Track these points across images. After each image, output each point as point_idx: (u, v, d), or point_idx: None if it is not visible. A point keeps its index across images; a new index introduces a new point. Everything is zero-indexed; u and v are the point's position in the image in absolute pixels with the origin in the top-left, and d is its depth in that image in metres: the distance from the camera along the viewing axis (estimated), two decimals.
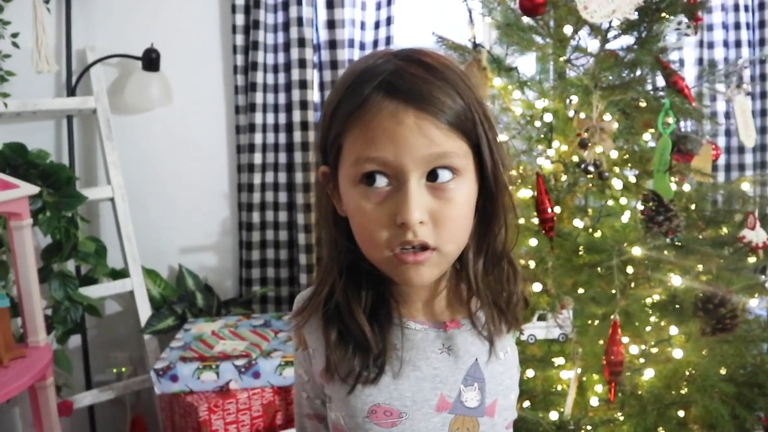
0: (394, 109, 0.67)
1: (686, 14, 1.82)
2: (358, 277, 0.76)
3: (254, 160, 2.43)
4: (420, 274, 0.71)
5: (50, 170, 2.04)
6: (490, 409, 0.77)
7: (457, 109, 0.69)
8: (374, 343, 0.74)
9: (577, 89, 1.80)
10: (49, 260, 2.08)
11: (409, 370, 0.75)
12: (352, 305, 0.75)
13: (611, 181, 1.78)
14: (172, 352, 2.00)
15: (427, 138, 0.67)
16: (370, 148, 0.67)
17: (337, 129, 0.71)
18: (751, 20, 2.72)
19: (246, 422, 1.90)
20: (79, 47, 2.31)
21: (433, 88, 0.68)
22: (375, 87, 0.68)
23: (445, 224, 0.70)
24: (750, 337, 1.86)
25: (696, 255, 1.72)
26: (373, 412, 0.74)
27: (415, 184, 0.68)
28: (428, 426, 0.75)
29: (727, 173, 2.76)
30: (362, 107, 0.68)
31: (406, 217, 0.67)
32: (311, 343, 0.80)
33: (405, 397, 0.74)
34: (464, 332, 0.79)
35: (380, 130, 0.67)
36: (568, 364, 1.74)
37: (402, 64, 0.69)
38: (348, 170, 0.70)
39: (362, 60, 0.74)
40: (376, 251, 0.71)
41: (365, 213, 0.70)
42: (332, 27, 2.41)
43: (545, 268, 1.68)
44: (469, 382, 0.76)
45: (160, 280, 2.43)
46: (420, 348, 0.76)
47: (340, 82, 0.73)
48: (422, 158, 0.67)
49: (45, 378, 1.77)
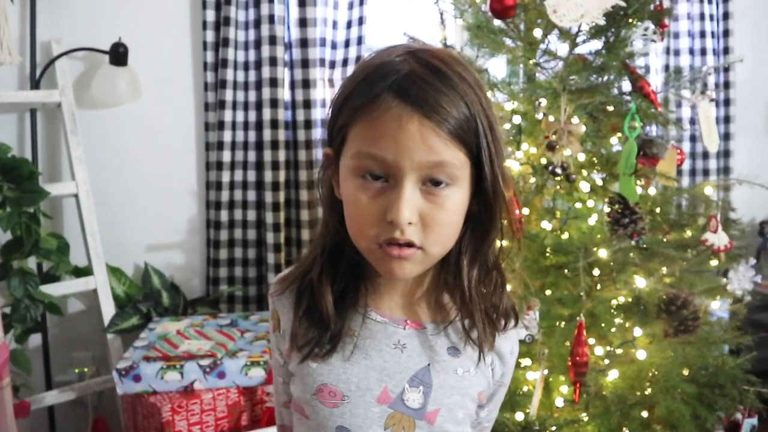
0: (400, 113, 0.68)
1: (653, 21, 1.86)
2: (339, 258, 0.79)
3: (223, 157, 2.40)
4: (402, 269, 0.73)
5: (12, 164, 1.99)
6: (430, 416, 0.78)
7: (461, 119, 0.70)
8: (333, 321, 0.77)
9: (546, 92, 1.81)
10: (8, 257, 2.02)
11: (360, 357, 0.78)
12: (323, 282, 0.78)
13: (578, 184, 1.80)
14: (135, 351, 1.97)
15: (427, 146, 0.69)
16: (372, 145, 0.70)
17: (344, 118, 0.73)
18: (716, 29, 2.79)
19: (210, 423, 1.87)
20: (44, 39, 2.26)
21: (441, 96, 0.69)
22: (387, 87, 0.70)
23: (434, 228, 0.72)
24: (711, 338, 1.89)
25: (660, 257, 1.75)
26: (319, 391, 0.78)
27: (410, 185, 0.70)
28: (366, 414, 0.77)
29: (691, 178, 2.82)
30: (371, 104, 0.70)
31: (396, 217, 0.69)
32: (283, 323, 0.83)
33: (351, 381, 0.77)
34: (423, 335, 0.80)
35: (384, 130, 0.69)
36: (535, 364, 1.76)
37: (416, 67, 0.71)
38: (348, 161, 0.73)
39: (382, 53, 0.75)
40: (363, 241, 0.74)
41: (359, 204, 0.72)
42: (304, 25, 2.39)
43: (512, 269, 1.69)
44: (415, 383, 0.78)
45: (124, 279, 2.39)
46: (376, 339, 0.78)
47: (357, 72, 0.75)
48: (420, 164, 0.69)
49: (1, 378, 1.72)
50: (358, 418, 0.77)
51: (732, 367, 1.86)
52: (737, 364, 1.87)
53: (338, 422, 0.77)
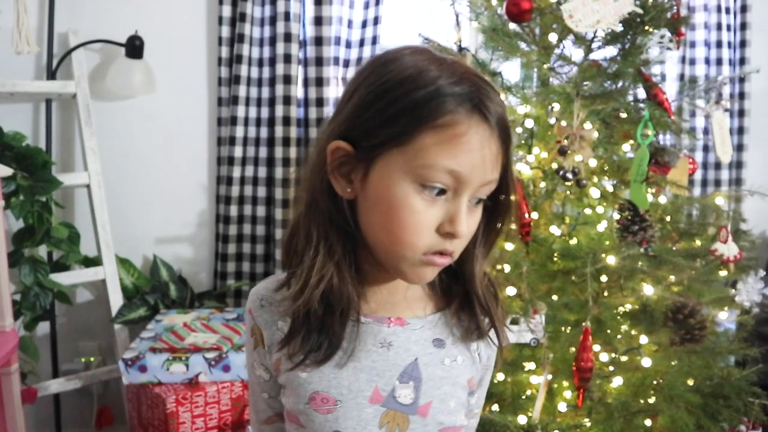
0: (484, 133, 0.71)
1: (669, 29, 1.85)
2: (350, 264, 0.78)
3: (234, 153, 2.41)
4: (434, 273, 0.77)
5: (26, 153, 2.01)
6: (422, 409, 0.79)
7: (511, 140, 0.74)
8: (336, 331, 0.77)
9: (559, 97, 1.81)
10: (20, 244, 2.05)
11: (349, 360, 0.78)
12: (345, 287, 0.76)
13: (589, 190, 1.79)
14: (142, 342, 1.98)
15: (495, 164, 0.73)
16: (453, 159, 0.70)
17: (408, 124, 0.70)
18: (733, 40, 2.77)
19: (214, 416, 1.88)
20: (62, 30, 2.28)
21: (506, 118, 0.73)
22: (472, 107, 0.70)
23: (467, 237, 0.75)
24: (718, 349, 1.88)
25: (668, 266, 1.73)
26: (312, 399, 0.77)
27: (466, 200, 0.72)
28: (360, 415, 0.77)
29: (703, 188, 2.80)
30: (456, 121, 0.70)
31: (459, 230, 0.72)
32: (267, 338, 0.81)
33: (342, 386, 0.77)
34: (408, 331, 0.80)
35: (467, 147, 0.70)
36: (539, 369, 1.75)
37: (485, 87, 0.72)
38: (412, 168, 0.70)
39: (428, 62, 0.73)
40: (406, 249, 0.73)
41: (415, 213, 0.71)
42: (319, 24, 2.40)
43: (520, 273, 1.69)
44: (405, 379, 0.78)
45: (133, 270, 2.40)
46: (363, 340, 0.78)
47: (413, 77, 0.71)
48: (484, 181, 0.72)
49: (9, 364, 1.74)
50: (352, 420, 0.77)
51: (737, 378, 1.85)
52: (743, 375, 1.86)
53: (333, 427, 0.77)
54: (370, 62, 0.77)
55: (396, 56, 0.75)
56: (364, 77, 0.75)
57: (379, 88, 0.72)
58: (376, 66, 0.75)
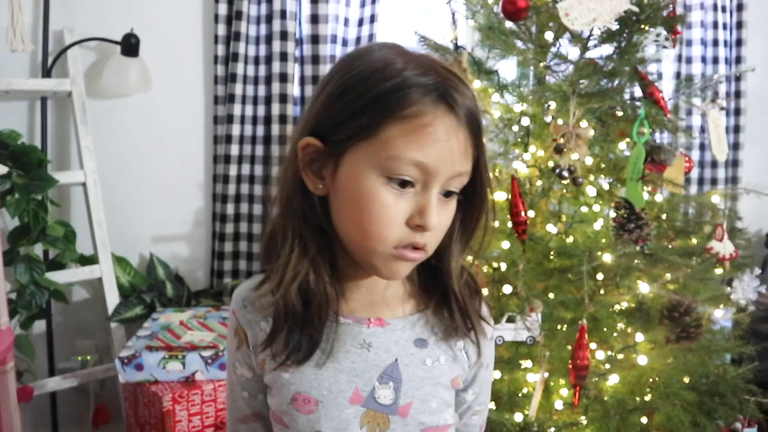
0: (450, 123, 0.70)
1: (665, 27, 1.85)
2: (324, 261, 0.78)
3: (231, 151, 2.41)
4: (407, 270, 0.76)
5: (21, 152, 2.01)
6: (403, 410, 0.79)
7: (481, 132, 0.74)
8: (316, 329, 0.77)
9: (555, 95, 1.81)
10: (15, 243, 2.04)
11: (329, 362, 0.78)
12: (321, 283, 0.77)
13: (585, 188, 1.80)
14: (138, 340, 1.98)
15: (464, 156, 0.72)
16: (419, 151, 0.69)
17: (374, 117, 0.70)
18: (729, 38, 2.78)
19: (210, 414, 1.88)
20: (57, 28, 2.27)
21: (476, 109, 0.73)
22: (437, 97, 0.70)
23: (440, 231, 0.75)
24: (713, 347, 1.88)
25: (664, 264, 1.74)
26: (294, 399, 0.78)
27: (436, 192, 0.72)
28: (341, 416, 0.77)
29: (699, 186, 2.81)
30: (421, 112, 0.69)
31: (428, 223, 0.71)
32: (251, 338, 0.81)
33: (323, 386, 0.77)
34: (388, 331, 0.80)
35: (433, 138, 0.69)
36: (535, 366, 1.76)
37: (453, 78, 0.72)
38: (379, 160, 0.70)
39: (396, 55, 0.73)
40: (376, 243, 0.72)
41: (383, 206, 0.71)
42: (315, 22, 2.40)
43: (516, 271, 1.69)
44: (385, 380, 0.78)
45: (129, 268, 2.40)
46: (342, 341, 0.78)
47: (378, 70, 0.71)
48: (453, 173, 0.72)
49: (5, 362, 1.73)
50: (333, 421, 0.77)
51: (733, 376, 1.86)
52: (738, 373, 1.87)
53: (315, 427, 0.77)
54: (340, 59, 0.78)
55: (364, 52, 0.75)
56: (333, 73, 0.76)
57: (346, 83, 0.73)
58: (345, 62, 0.75)
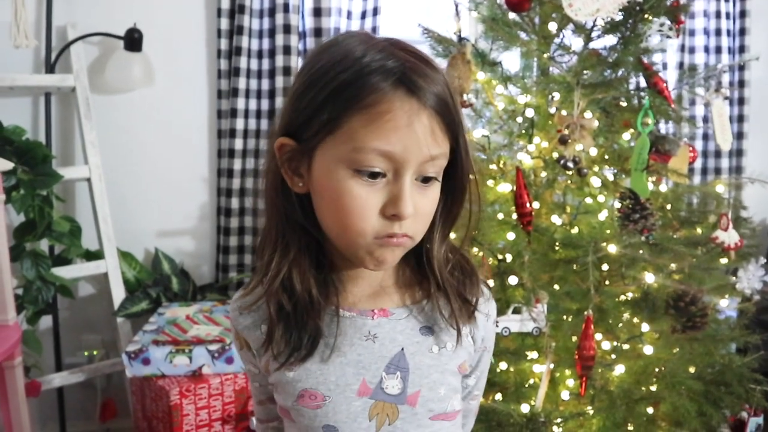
0: (411, 108, 0.68)
1: (669, 17, 1.84)
2: (305, 256, 0.78)
3: (235, 145, 2.41)
4: (394, 256, 0.74)
5: (26, 147, 2.01)
6: (411, 399, 0.79)
7: (453, 113, 0.71)
8: (310, 324, 0.77)
9: (559, 86, 1.81)
10: (21, 239, 2.05)
11: (334, 356, 0.77)
12: (305, 283, 0.77)
13: (590, 179, 1.80)
14: (144, 335, 1.99)
15: (433, 139, 0.69)
16: (381, 139, 0.68)
17: (335, 110, 0.69)
18: (732, 27, 2.77)
19: (217, 407, 1.89)
20: (60, 24, 2.27)
21: (441, 89, 0.70)
22: (393, 79, 0.68)
23: (422, 218, 0.73)
24: (719, 336, 1.89)
25: (670, 254, 1.74)
26: (300, 397, 0.78)
27: (410, 179, 0.70)
28: (349, 409, 0.77)
29: (703, 176, 2.81)
30: (376, 97, 0.68)
31: (402, 212, 0.69)
32: (253, 342, 0.82)
33: (329, 381, 0.77)
34: (392, 321, 0.80)
35: (394, 125, 0.68)
36: (541, 357, 1.76)
37: (411, 58, 0.70)
38: (344, 154, 0.69)
39: (351, 42, 0.72)
40: (356, 236, 0.72)
41: (355, 198, 0.70)
42: (318, 15, 2.40)
43: (521, 262, 1.69)
44: (392, 370, 0.78)
45: (135, 263, 2.41)
46: (347, 334, 0.78)
47: (338, 63, 0.70)
48: (423, 158, 0.70)
49: (13, 357, 1.74)
50: (341, 414, 0.77)
51: (739, 365, 1.86)
52: (744, 362, 1.87)
53: (323, 421, 0.77)
54: (307, 53, 0.76)
55: (329, 44, 0.74)
56: (300, 69, 0.75)
57: (309, 78, 0.72)
58: (310, 57, 0.75)
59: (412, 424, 0.79)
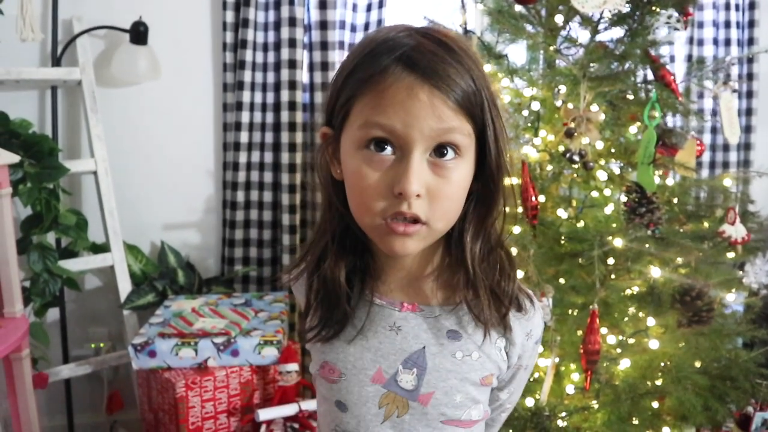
0: (410, 83, 0.69)
1: (677, 9, 1.83)
2: (347, 243, 0.81)
3: (240, 138, 2.41)
4: (405, 246, 0.73)
5: (32, 141, 2.02)
6: (423, 398, 0.79)
7: (468, 92, 0.70)
8: (344, 307, 0.80)
9: (565, 79, 1.80)
10: (28, 232, 2.06)
11: (358, 339, 0.80)
12: (335, 269, 0.80)
13: (596, 172, 1.79)
14: (151, 328, 1.99)
15: (437, 114, 0.69)
16: (381, 114, 0.69)
17: (349, 92, 0.72)
18: (741, 19, 2.74)
19: (223, 400, 1.90)
20: (66, 17, 2.27)
21: (449, 68, 0.69)
22: (395, 58, 0.70)
23: (440, 201, 0.71)
24: (725, 331, 1.88)
25: (676, 248, 1.73)
26: (322, 367, 0.83)
27: (418, 157, 0.70)
28: (361, 392, 0.80)
29: (711, 170, 2.79)
30: (379, 75, 0.70)
31: (405, 188, 0.69)
32: (303, 306, 0.87)
33: (348, 361, 0.80)
34: (419, 318, 0.80)
35: (393, 100, 0.69)
36: (546, 351, 1.76)
37: (423, 40, 0.71)
38: (354, 133, 0.72)
39: (383, 30, 0.75)
40: (368, 217, 0.73)
41: (364, 178, 0.71)
42: (324, 7, 2.39)
43: (527, 256, 1.69)
44: (409, 365, 0.79)
45: (141, 256, 2.41)
46: (374, 321, 0.80)
47: (359, 48, 0.74)
48: (429, 132, 0.69)
49: (20, 349, 1.75)
50: (353, 395, 0.80)
51: (745, 360, 1.86)
52: (750, 357, 1.87)
53: (336, 397, 0.81)
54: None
55: (366, 36, 0.77)
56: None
57: (340, 66, 0.76)
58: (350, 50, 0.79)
59: (420, 423, 0.79)
